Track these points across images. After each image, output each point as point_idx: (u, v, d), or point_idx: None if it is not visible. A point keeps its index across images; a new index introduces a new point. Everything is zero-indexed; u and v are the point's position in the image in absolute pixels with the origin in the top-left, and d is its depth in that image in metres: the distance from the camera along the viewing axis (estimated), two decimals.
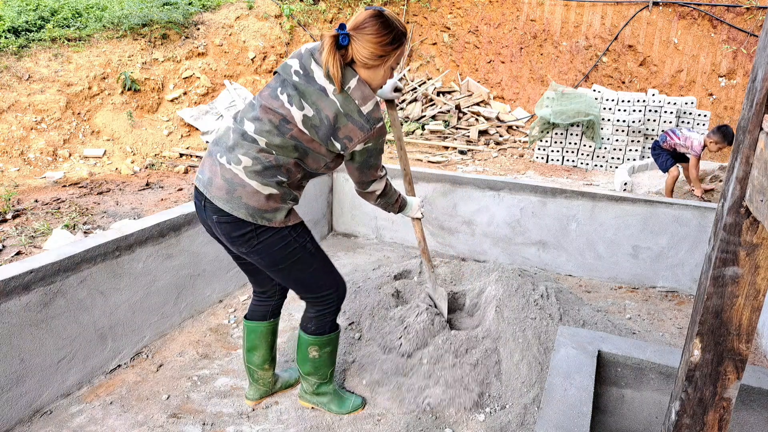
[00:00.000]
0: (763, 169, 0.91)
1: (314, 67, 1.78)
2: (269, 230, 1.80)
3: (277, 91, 1.81)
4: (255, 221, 1.77)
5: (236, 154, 1.78)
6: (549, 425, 1.43)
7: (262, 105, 1.80)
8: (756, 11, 8.83)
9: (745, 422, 1.69)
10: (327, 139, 1.79)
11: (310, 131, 1.78)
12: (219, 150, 1.82)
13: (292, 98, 1.77)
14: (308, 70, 1.79)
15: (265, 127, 1.78)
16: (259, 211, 1.76)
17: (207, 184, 1.80)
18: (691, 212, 3.35)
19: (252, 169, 1.76)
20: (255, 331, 2.19)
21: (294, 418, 2.20)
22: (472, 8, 10.49)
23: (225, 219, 1.78)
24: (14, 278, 2.01)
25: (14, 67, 6.75)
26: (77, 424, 2.12)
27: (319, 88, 1.76)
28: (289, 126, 1.78)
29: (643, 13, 9.39)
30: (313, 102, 1.76)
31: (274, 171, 1.78)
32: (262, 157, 1.77)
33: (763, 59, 0.93)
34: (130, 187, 5.93)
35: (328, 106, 1.76)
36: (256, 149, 1.77)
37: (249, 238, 1.80)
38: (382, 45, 1.74)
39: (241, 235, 1.79)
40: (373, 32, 1.73)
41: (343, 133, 1.78)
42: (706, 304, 1.07)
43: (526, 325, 2.49)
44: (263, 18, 9.26)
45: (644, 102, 7.35)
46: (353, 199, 4.25)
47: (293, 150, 1.80)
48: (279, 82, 1.83)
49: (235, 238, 1.81)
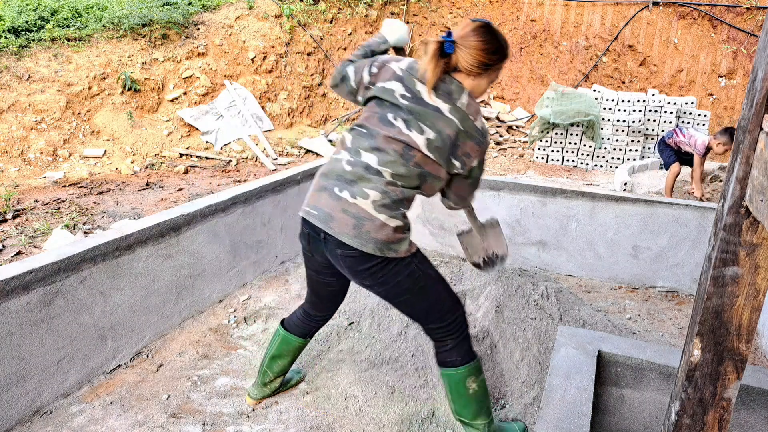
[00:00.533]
0: (763, 169, 0.91)
1: (420, 87, 1.74)
2: (394, 261, 1.75)
3: (388, 117, 1.75)
4: (383, 254, 1.71)
5: (361, 188, 1.71)
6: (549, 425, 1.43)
7: (383, 135, 1.74)
8: (756, 11, 8.83)
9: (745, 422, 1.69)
10: (448, 159, 1.76)
11: (434, 154, 1.73)
12: (336, 183, 1.75)
13: (409, 123, 1.72)
14: (414, 92, 1.74)
15: (390, 157, 1.72)
16: (386, 244, 1.71)
17: (326, 219, 1.73)
18: (691, 212, 3.35)
19: (381, 203, 1.70)
20: (289, 343, 2.18)
21: (294, 418, 2.20)
22: (472, 8, 10.49)
23: (351, 253, 1.72)
24: (14, 278, 2.01)
25: (14, 67, 6.75)
26: (77, 424, 2.12)
27: (433, 108, 1.72)
28: (413, 153, 1.73)
29: (643, 13, 9.39)
30: (431, 123, 1.71)
31: (399, 204, 1.74)
32: (390, 191, 1.72)
33: (763, 59, 0.93)
34: (130, 187, 5.93)
35: (448, 125, 1.72)
36: (383, 182, 1.72)
37: (374, 271, 1.74)
38: (488, 53, 1.73)
39: (367, 268, 1.74)
40: (480, 40, 1.72)
41: (462, 150, 1.76)
42: (706, 304, 1.07)
43: (526, 325, 2.49)
44: (263, 18, 9.26)
45: (644, 102, 7.35)
46: None
47: (416, 178, 1.75)
48: (386, 108, 1.77)
49: (360, 272, 1.75)
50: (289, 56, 9.33)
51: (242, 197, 3.24)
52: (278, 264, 3.71)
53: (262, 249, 3.51)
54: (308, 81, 9.47)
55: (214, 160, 7.39)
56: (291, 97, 9.20)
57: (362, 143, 1.77)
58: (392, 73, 1.79)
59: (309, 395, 2.35)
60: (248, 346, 2.73)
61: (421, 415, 2.22)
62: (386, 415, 2.22)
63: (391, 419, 2.20)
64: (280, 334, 2.19)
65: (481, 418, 1.94)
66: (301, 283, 3.47)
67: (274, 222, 3.59)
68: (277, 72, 9.14)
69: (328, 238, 1.75)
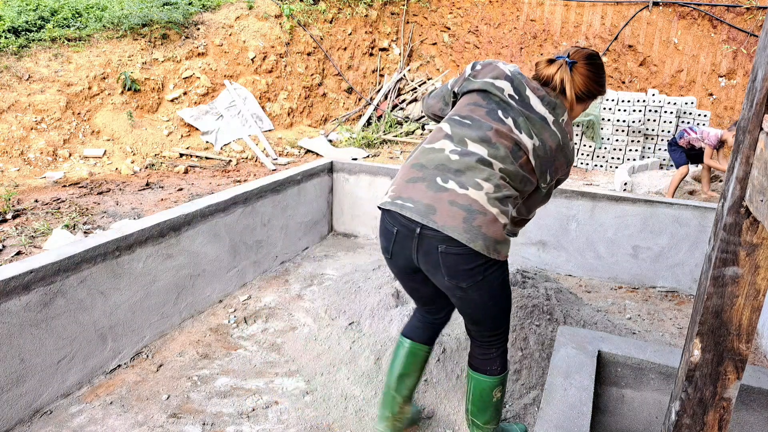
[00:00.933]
0: (763, 169, 0.91)
1: (529, 94, 1.70)
2: (495, 264, 1.64)
3: (498, 113, 1.68)
4: (488, 254, 1.58)
5: (473, 178, 1.60)
6: (549, 425, 1.43)
7: (495, 128, 1.66)
8: (756, 11, 8.83)
9: (745, 422, 1.69)
10: (544, 172, 1.72)
11: (536, 161, 1.69)
12: (437, 173, 1.63)
13: (519, 125, 1.67)
14: (523, 96, 1.70)
15: (500, 152, 1.64)
16: (494, 243, 1.59)
17: (426, 212, 1.59)
18: (691, 212, 3.35)
19: (494, 196, 1.60)
20: (417, 354, 1.92)
21: (294, 418, 2.20)
22: (472, 8, 10.49)
23: (456, 250, 1.58)
24: (14, 278, 2.01)
25: (14, 67, 6.75)
26: (77, 424, 2.12)
27: (539, 117, 1.68)
28: (520, 154, 1.67)
29: (643, 13, 9.39)
30: (538, 131, 1.68)
31: (508, 201, 1.65)
32: (501, 185, 1.63)
33: (763, 59, 0.93)
34: (130, 187, 5.93)
35: (551, 138, 1.69)
36: (497, 176, 1.63)
37: (476, 272, 1.62)
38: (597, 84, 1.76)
39: (470, 268, 1.61)
40: (595, 69, 1.75)
41: (555, 166, 1.74)
42: (706, 304, 1.07)
43: (525, 326, 2.49)
44: (263, 18, 9.26)
45: (644, 102, 7.35)
46: (353, 199, 4.25)
47: (520, 181, 1.69)
48: (494, 103, 1.71)
49: (461, 272, 1.62)
50: (289, 56, 9.33)
51: (242, 197, 3.24)
52: (278, 264, 3.71)
53: (262, 249, 3.51)
54: (308, 81, 9.47)
55: (214, 160, 7.39)
56: (291, 97, 9.20)
57: (468, 133, 1.67)
58: (502, 72, 1.75)
59: (309, 395, 2.35)
60: (248, 346, 2.73)
61: (421, 415, 2.22)
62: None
63: None
64: (406, 347, 1.92)
65: (492, 423, 1.92)
66: (301, 283, 3.47)
67: (274, 222, 3.59)
68: (277, 72, 9.14)
69: (427, 234, 1.60)
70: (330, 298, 2.97)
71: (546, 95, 1.73)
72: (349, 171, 4.21)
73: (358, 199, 4.24)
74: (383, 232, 1.74)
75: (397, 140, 8.65)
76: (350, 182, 4.23)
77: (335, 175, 4.26)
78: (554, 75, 1.72)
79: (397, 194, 1.67)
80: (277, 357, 2.64)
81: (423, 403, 2.27)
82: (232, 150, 7.77)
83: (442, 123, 1.76)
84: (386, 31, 10.75)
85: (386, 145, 8.65)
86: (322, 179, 4.13)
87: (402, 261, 1.73)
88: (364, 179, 4.18)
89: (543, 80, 1.76)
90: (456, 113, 1.75)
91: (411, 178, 1.67)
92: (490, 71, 1.76)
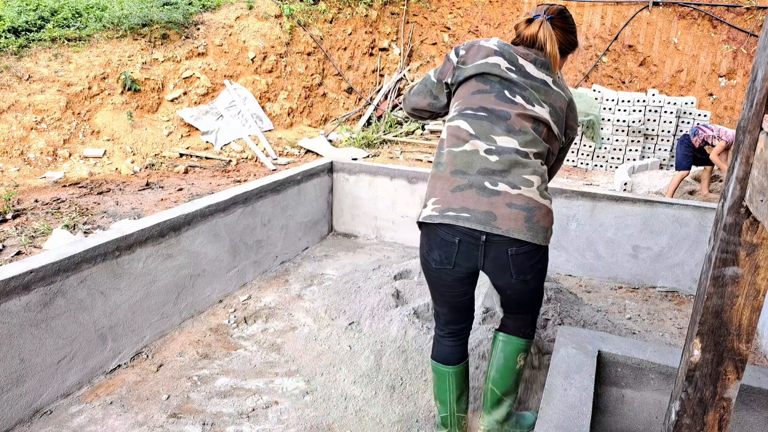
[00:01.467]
0: (763, 169, 0.91)
1: (523, 62, 1.70)
2: (545, 248, 1.70)
3: (506, 94, 1.66)
4: (545, 243, 1.64)
5: (520, 176, 1.60)
6: (549, 425, 1.42)
7: (515, 113, 1.64)
8: (756, 11, 8.83)
9: (745, 422, 1.69)
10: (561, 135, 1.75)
11: (556, 128, 1.71)
12: (482, 178, 1.61)
13: (529, 99, 1.66)
14: (518, 66, 1.69)
15: (528, 137, 1.64)
16: (548, 231, 1.64)
17: (486, 219, 1.58)
18: (691, 212, 3.35)
19: (542, 187, 1.63)
20: (463, 373, 1.91)
21: (294, 418, 2.20)
22: (472, 8, 10.49)
23: (524, 249, 1.62)
24: (14, 278, 2.01)
25: (14, 67, 6.75)
26: (77, 424, 2.12)
27: (541, 82, 1.69)
28: (541, 128, 1.67)
29: (643, 13, 9.39)
30: (545, 97, 1.68)
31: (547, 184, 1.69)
32: (542, 171, 1.64)
33: (763, 59, 0.93)
34: (130, 187, 5.93)
35: (558, 98, 1.71)
36: (536, 164, 1.63)
37: (538, 263, 1.68)
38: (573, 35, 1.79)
39: (535, 261, 1.66)
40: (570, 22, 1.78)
41: (568, 123, 1.78)
42: (706, 304, 1.07)
43: None
44: (263, 18, 9.25)
45: (644, 102, 7.35)
46: (353, 199, 4.25)
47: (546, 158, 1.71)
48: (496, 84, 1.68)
49: (528, 267, 1.66)
50: (289, 56, 9.33)
51: (242, 197, 3.24)
52: (278, 264, 3.71)
53: (262, 249, 3.51)
54: (308, 81, 9.47)
55: (214, 160, 7.39)
56: (291, 97, 9.20)
57: (491, 127, 1.65)
58: (489, 49, 1.72)
59: (309, 395, 2.35)
60: (248, 346, 2.73)
61: (421, 415, 2.22)
62: (386, 415, 2.22)
63: (391, 419, 2.20)
64: (451, 372, 1.89)
65: (510, 397, 1.93)
66: (301, 283, 3.47)
67: (274, 222, 3.59)
68: (277, 72, 9.14)
69: (493, 240, 1.60)
70: (330, 298, 2.97)
71: (536, 57, 1.72)
72: (349, 171, 4.21)
73: (358, 199, 4.24)
74: (440, 244, 1.67)
75: (397, 140, 8.65)
76: (350, 182, 4.23)
77: (335, 175, 4.26)
78: (537, 33, 1.72)
79: (445, 206, 1.64)
80: (277, 357, 2.64)
81: (422, 402, 2.27)
82: (232, 150, 7.77)
83: (458, 120, 1.70)
84: (386, 31, 10.75)
85: (386, 145, 8.65)
86: (322, 179, 4.13)
87: (464, 269, 1.71)
88: (364, 179, 4.18)
89: (527, 41, 1.75)
90: (466, 106, 1.70)
91: (456, 187, 1.63)
92: (476, 52, 1.73)
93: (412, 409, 2.24)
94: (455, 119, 1.72)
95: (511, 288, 1.74)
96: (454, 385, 1.91)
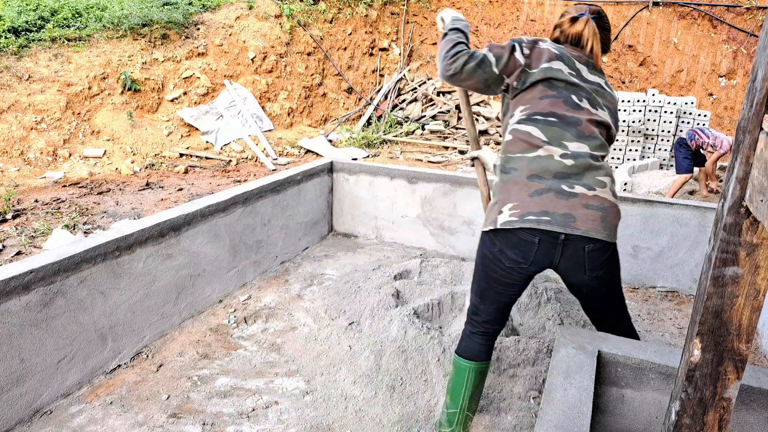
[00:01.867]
0: (763, 169, 0.91)
1: (578, 66, 1.76)
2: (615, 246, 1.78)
3: (573, 99, 1.72)
4: (614, 240, 1.73)
5: (594, 177, 1.69)
6: (549, 425, 1.42)
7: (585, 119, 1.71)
8: (756, 11, 8.83)
9: (745, 422, 1.69)
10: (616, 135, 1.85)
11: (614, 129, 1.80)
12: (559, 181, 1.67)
13: (592, 102, 1.72)
14: (577, 70, 1.75)
15: (598, 141, 1.72)
16: (616, 228, 1.73)
17: (565, 221, 1.65)
18: (691, 212, 3.35)
19: (613, 188, 1.73)
20: (484, 371, 1.95)
21: (294, 418, 2.20)
22: (472, 8, 10.49)
23: (599, 246, 1.69)
24: (14, 278, 2.01)
25: (14, 67, 6.75)
26: (77, 424, 2.12)
27: (597, 85, 1.76)
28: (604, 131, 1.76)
29: (643, 13, 9.39)
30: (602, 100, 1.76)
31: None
32: (611, 172, 1.74)
33: (763, 59, 0.93)
34: (130, 187, 5.93)
35: (612, 99, 1.79)
36: (607, 166, 1.73)
37: (609, 257, 1.74)
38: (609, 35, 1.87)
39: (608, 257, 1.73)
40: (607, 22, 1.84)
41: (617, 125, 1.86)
42: (706, 304, 1.07)
43: (524, 325, 2.49)
44: (263, 18, 9.26)
45: (644, 102, 7.35)
46: (353, 199, 4.25)
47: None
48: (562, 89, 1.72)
49: (601, 263, 1.72)
50: (289, 56, 9.33)
51: (242, 197, 3.24)
52: (278, 264, 3.71)
53: (262, 249, 3.51)
54: (308, 81, 9.48)
55: (214, 160, 7.39)
56: (291, 97, 9.20)
57: (563, 134, 1.70)
58: (550, 53, 1.74)
59: (309, 395, 2.35)
60: (248, 346, 2.73)
61: (421, 415, 2.22)
62: (386, 415, 2.22)
63: (391, 419, 2.20)
64: (473, 368, 1.92)
65: None
66: (301, 283, 3.47)
67: (274, 222, 3.59)
68: (277, 72, 9.14)
69: (571, 239, 1.67)
70: (330, 298, 2.97)
71: (587, 59, 1.78)
72: (349, 171, 4.21)
73: (358, 199, 4.24)
74: (518, 244, 1.71)
75: (397, 140, 8.65)
76: (350, 182, 4.23)
77: (335, 175, 4.26)
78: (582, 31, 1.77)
79: (524, 210, 1.68)
80: (277, 357, 2.64)
81: (422, 402, 2.27)
82: (232, 150, 7.77)
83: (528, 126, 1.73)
84: (386, 31, 10.75)
85: (386, 145, 8.65)
86: (322, 179, 4.13)
87: (538, 267, 1.75)
88: (364, 179, 4.18)
89: (572, 39, 1.81)
90: (535, 111, 1.74)
91: (535, 191, 1.68)
92: (539, 55, 1.74)
93: (412, 409, 2.24)
94: (524, 124, 1.75)
95: (585, 286, 1.78)
96: (472, 382, 1.94)
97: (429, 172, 3.96)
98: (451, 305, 2.93)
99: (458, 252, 3.97)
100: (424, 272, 3.25)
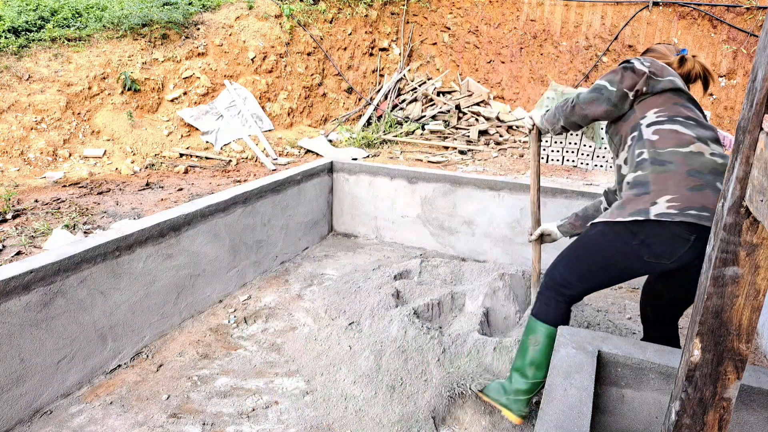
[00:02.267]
0: (763, 169, 0.91)
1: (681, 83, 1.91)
2: None
3: (695, 110, 1.88)
4: None
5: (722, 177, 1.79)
6: (549, 425, 1.42)
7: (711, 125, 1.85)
8: (756, 11, 8.83)
9: (745, 422, 1.69)
10: None
11: None
12: (714, 178, 1.71)
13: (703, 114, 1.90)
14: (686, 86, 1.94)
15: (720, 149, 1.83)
16: None
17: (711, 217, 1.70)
18: None
19: None
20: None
21: (294, 418, 2.20)
22: (472, 8, 10.49)
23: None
24: (14, 278, 2.01)
25: (14, 67, 6.75)
26: (77, 424, 2.12)
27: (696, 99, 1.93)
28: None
29: (643, 13, 9.39)
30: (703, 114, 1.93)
31: None
32: None
33: (763, 59, 0.93)
34: (130, 187, 5.93)
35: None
36: None
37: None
38: None
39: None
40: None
41: None
42: (706, 304, 1.07)
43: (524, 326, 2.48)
44: (263, 18, 9.26)
45: None
46: (353, 199, 4.25)
47: None
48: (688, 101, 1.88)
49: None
50: (289, 56, 9.33)
51: (242, 197, 3.24)
52: (278, 264, 3.71)
53: (262, 249, 3.51)
54: (308, 81, 9.47)
55: (214, 160, 7.39)
56: (291, 97, 9.20)
57: (705, 134, 1.79)
58: (669, 68, 1.91)
59: (309, 395, 2.35)
60: (248, 346, 2.73)
61: (421, 415, 2.22)
62: (386, 415, 2.22)
63: (391, 419, 2.20)
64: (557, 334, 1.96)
65: None
66: (301, 283, 3.47)
67: (274, 222, 3.59)
68: (277, 72, 9.14)
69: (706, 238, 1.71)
70: (330, 298, 2.97)
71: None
72: (349, 171, 4.21)
73: (358, 199, 4.24)
74: (668, 239, 1.69)
75: (397, 140, 8.65)
76: (350, 182, 4.23)
77: (335, 175, 4.26)
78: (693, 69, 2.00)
79: (685, 204, 1.67)
80: (277, 357, 2.64)
81: (422, 402, 2.27)
82: (232, 150, 7.77)
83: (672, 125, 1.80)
84: (386, 31, 10.75)
85: (386, 145, 8.65)
86: (322, 179, 4.13)
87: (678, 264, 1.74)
88: (364, 179, 4.18)
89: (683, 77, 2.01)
90: (673, 114, 1.83)
91: (694, 186, 1.68)
92: (662, 68, 1.89)
93: (412, 409, 2.24)
94: (667, 123, 1.82)
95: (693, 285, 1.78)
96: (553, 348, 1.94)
97: (429, 172, 3.96)
98: (451, 305, 2.93)
99: (458, 252, 3.97)
100: (424, 272, 3.25)
